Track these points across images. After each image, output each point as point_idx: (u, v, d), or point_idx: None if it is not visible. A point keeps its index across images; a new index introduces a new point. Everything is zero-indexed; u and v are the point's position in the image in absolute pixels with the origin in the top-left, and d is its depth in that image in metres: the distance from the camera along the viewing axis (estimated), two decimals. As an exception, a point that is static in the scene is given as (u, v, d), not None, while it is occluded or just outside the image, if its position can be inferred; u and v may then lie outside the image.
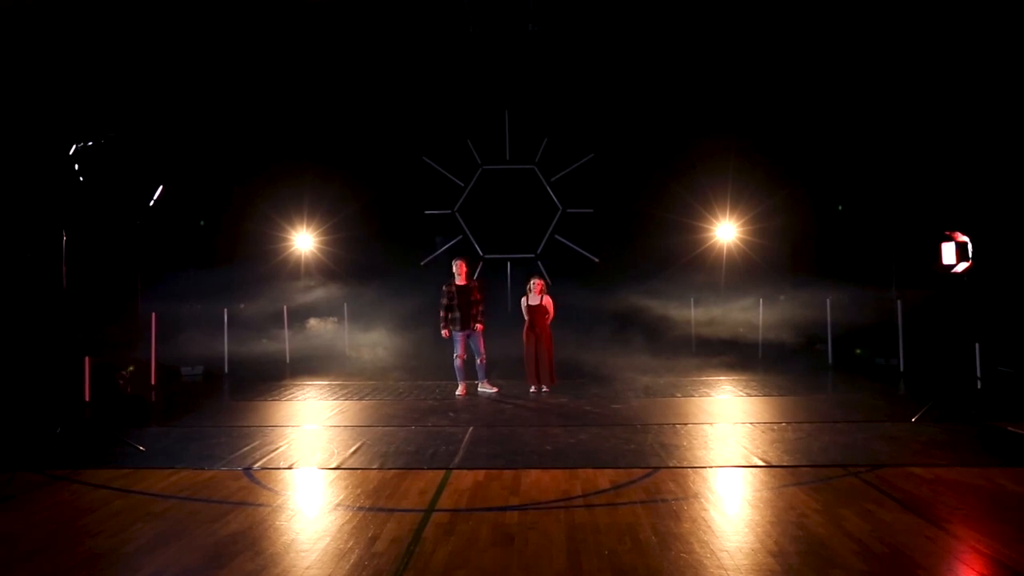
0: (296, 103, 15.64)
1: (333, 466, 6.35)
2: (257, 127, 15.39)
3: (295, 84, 15.51)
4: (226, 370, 13.09)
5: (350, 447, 7.04)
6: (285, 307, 14.54)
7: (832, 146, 14.86)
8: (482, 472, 6.04)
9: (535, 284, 10.60)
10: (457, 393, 10.53)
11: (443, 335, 10.41)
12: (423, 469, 6.19)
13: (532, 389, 10.66)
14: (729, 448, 6.79)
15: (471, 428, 8.00)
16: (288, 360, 14.43)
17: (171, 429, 8.11)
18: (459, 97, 16.11)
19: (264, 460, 6.57)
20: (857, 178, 14.31)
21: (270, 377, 12.68)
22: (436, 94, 16.12)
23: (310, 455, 6.78)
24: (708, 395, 10.10)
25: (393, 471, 6.13)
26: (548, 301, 10.55)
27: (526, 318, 10.65)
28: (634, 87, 16.10)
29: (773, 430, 7.58)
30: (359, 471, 6.16)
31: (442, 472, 6.07)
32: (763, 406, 9.15)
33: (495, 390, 10.73)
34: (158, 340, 12.23)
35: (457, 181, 16.81)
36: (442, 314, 10.39)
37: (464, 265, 10.52)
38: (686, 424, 8.03)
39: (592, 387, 11.00)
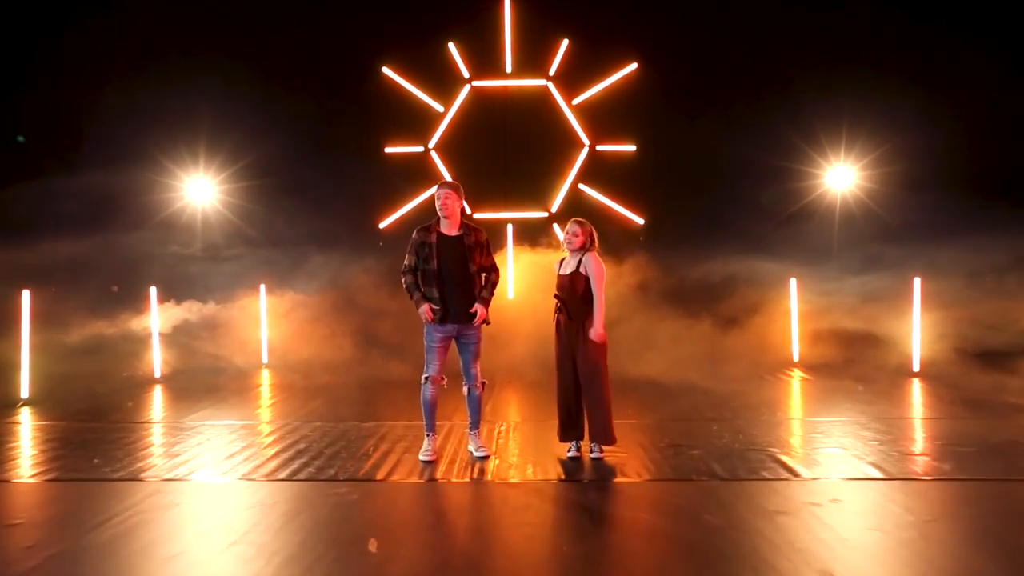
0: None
1: None
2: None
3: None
4: (24, 392, 7.61)
5: None
6: (154, 289, 9.02)
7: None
8: None
9: (574, 232, 5.26)
10: (423, 455, 5.27)
11: (427, 318, 5.20)
12: None
13: (569, 452, 5.30)
14: None
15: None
16: (159, 373, 8.97)
17: None
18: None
19: None
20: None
21: (104, 408, 7.26)
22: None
23: None
24: (947, 471, 4.69)
25: None
26: (594, 266, 5.16)
27: (556, 309, 5.35)
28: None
29: None
30: None
31: None
32: None
33: (490, 454, 5.38)
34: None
35: (433, 103, 11.32)
36: (405, 281, 5.28)
37: (455, 196, 5.19)
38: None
39: (679, 439, 5.61)
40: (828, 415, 6.69)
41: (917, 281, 8.95)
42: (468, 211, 4.93)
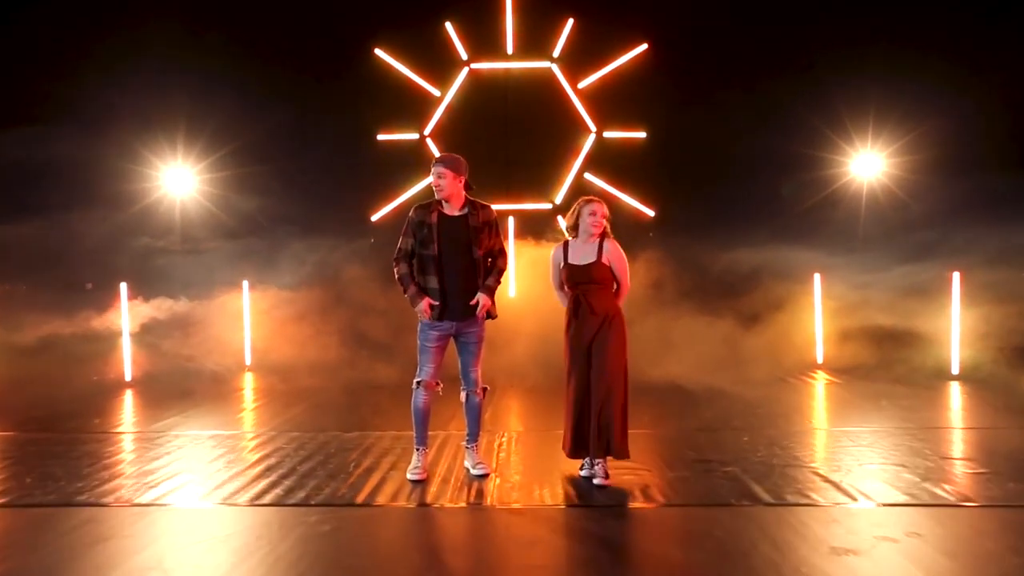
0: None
1: None
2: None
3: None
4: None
5: None
6: (125, 284, 8.27)
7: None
8: None
9: (592, 212, 4.55)
10: (411, 473, 4.54)
11: (422, 314, 4.43)
12: None
13: (583, 469, 4.56)
14: None
15: None
16: (130, 376, 8.20)
17: None
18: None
19: None
20: None
21: (60, 416, 6.49)
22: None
23: None
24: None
25: None
26: (618, 255, 4.50)
27: (565, 300, 4.65)
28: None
29: None
30: None
31: None
32: None
33: (489, 471, 4.64)
34: None
35: (429, 87, 10.58)
36: (398, 270, 4.52)
37: (451, 175, 4.45)
38: None
39: (708, 453, 4.82)
40: (868, 424, 5.93)
41: (956, 276, 8.22)
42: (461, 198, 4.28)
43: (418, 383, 4.53)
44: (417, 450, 4.58)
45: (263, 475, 4.61)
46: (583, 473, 4.47)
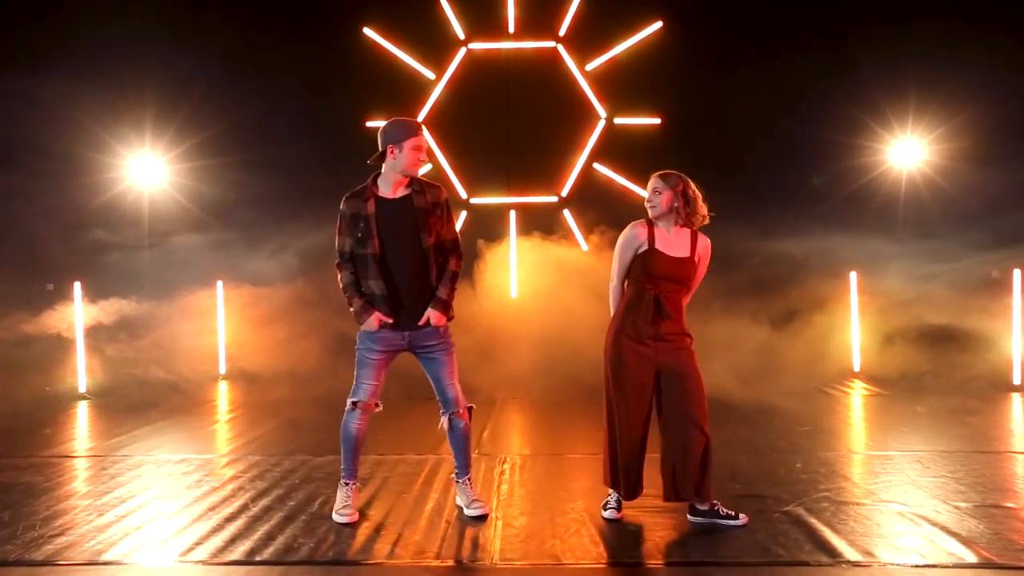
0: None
1: None
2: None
3: None
4: None
5: None
6: (79, 284, 7.33)
7: None
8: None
9: (696, 196, 3.76)
10: (338, 514, 3.73)
11: (370, 326, 3.61)
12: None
13: (607, 510, 3.62)
14: None
15: None
16: (85, 387, 7.26)
17: None
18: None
19: None
20: None
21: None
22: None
23: None
24: None
25: None
26: (708, 256, 3.75)
27: (617, 298, 3.76)
28: None
29: None
30: None
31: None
32: None
33: (488, 511, 3.69)
34: None
35: (423, 69, 9.72)
36: (341, 278, 3.68)
37: (404, 142, 3.57)
38: None
39: (757, 485, 3.90)
40: (934, 445, 4.99)
41: (1017, 273, 7.31)
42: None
43: (353, 404, 3.73)
44: (344, 484, 3.76)
45: (202, 517, 3.68)
46: (608, 515, 3.53)
